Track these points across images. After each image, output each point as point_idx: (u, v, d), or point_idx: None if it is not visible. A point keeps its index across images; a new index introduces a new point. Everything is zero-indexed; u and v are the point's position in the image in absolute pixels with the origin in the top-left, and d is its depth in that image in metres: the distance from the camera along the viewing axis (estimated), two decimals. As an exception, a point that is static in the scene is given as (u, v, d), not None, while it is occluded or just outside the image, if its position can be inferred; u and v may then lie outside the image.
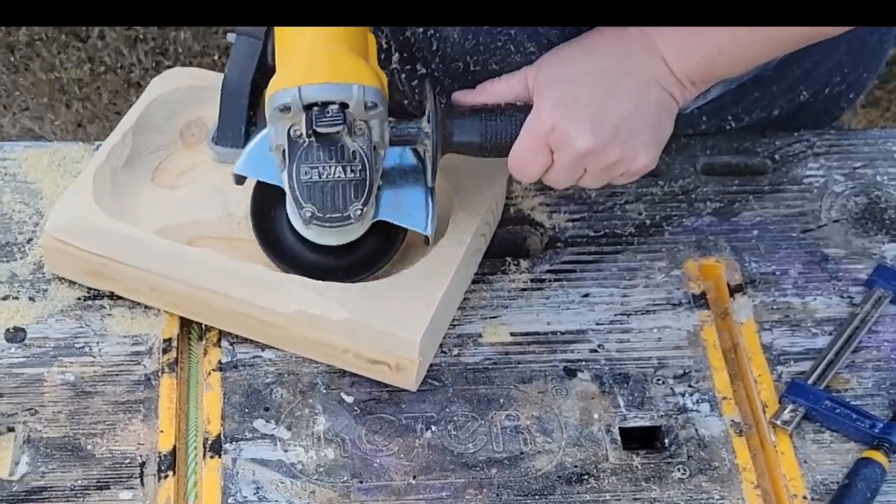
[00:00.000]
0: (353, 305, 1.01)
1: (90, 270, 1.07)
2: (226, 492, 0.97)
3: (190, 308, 1.06)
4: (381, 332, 1.00)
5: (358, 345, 1.02)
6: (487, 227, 1.12)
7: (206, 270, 1.04)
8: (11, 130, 2.45)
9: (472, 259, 1.10)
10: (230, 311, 1.04)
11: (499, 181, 1.11)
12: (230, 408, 1.02)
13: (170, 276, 1.04)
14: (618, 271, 1.14)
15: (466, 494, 0.98)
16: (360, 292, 1.02)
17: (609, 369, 1.07)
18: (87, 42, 2.57)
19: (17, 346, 1.05)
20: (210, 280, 1.03)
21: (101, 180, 1.09)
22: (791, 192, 1.20)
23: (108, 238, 1.05)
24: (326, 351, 1.03)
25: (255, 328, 1.04)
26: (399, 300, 1.02)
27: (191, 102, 1.16)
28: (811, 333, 1.10)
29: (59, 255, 1.07)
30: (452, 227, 1.07)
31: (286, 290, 1.02)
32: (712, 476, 1.01)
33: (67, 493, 0.97)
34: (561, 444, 1.02)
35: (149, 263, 1.04)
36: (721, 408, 1.05)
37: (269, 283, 1.03)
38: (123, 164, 1.12)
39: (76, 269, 1.08)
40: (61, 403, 1.02)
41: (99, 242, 1.05)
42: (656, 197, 1.20)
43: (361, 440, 1.01)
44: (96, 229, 1.05)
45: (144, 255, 1.04)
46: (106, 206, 1.07)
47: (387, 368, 1.02)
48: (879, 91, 2.57)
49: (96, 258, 1.05)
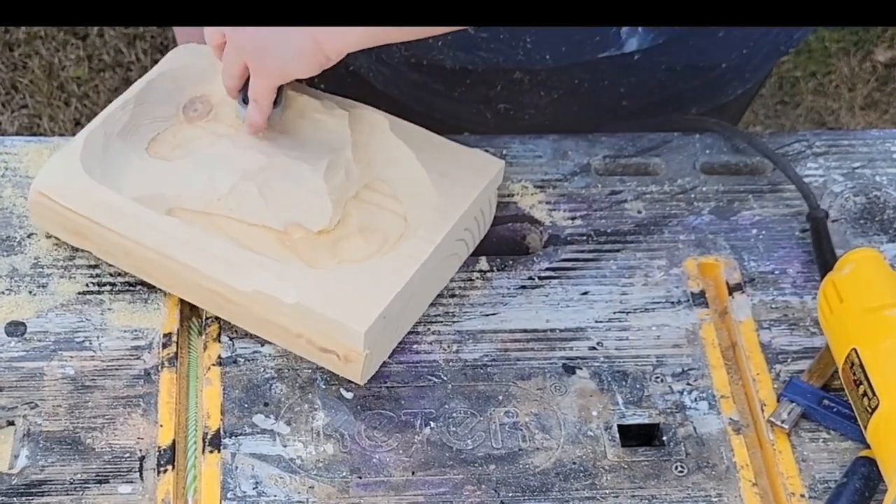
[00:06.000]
0: (306, 290, 1.02)
1: (70, 229, 1.09)
2: (225, 486, 0.97)
3: (159, 277, 1.08)
4: (329, 320, 1.01)
5: (309, 331, 1.02)
6: (468, 233, 1.11)
7: (174, 241, 1.05)
8: (10, 128, 2.45)
9: (444, 263, 1.09)
10: (194, 284, 1.05)
11: (485, 187, 1.10)
12: (229, 403, 1.02)
13: (140, 243, 1.06)
14: (617, 269, 1.14)
15: (465, 490, 0.99)
16: (316, 278, 1.03)
17: (608, 367, 1.07)
18: (85, 40, 2.57)
19: (17, 340, 1.05)
20: (176, 250, 1.05)
21: (91, 144, 1.11)
22: (790, 192, 1.20)
23: (87, 199, 1.08)
24: (281, 334, 1.04)
25: (218, 304, 1.05)
26: (353, 291, 1.02)
27: (198, 79, 1.18)
28: (810, 332, 1.10)
29: (42, 210, 1.10)
30: (425, 227, 1.07)
31: (246, 269, 1.03)
32: (710, 474, 1.01)
33: (67, 487, 0.97)
34: (559, 441, 1.02)
35: (122, 228, 1.06)
36: (719, 406, 1.05)
37: (231, 261, 1.04)
38: (119, 130, 1.13)
39: (58, 226, 1.10)
40: (61, 397, 1.02)
41: (79, 202, 1.08)
42: (655, 195, 1.20)
43: (360, 436, 1.01)
44: (77, 189, 1.08)
45: (118, 219, 1.07)
46: (91, 168, 1.09)
47: (336, 358, 1.02)
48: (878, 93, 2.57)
49: (76, 217, 1.08)
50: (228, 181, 1.10)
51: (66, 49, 2.55)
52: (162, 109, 1.16)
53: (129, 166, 1.12)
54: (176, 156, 1.14)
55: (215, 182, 1.10)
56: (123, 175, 1.11)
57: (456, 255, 1.11)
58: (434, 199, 1.08)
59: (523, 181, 1.20)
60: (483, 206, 1.12)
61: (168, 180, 1.11)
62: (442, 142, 1.13)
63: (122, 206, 1.07)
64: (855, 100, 2.58)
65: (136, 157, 1.13)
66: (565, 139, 1.24)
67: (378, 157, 1.13)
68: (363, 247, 1.08)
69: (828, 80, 2.63)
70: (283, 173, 1.11)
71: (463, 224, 1.09)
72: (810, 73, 2.65)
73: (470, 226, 1.11)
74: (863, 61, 2.66)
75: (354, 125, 1.14)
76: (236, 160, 1.11)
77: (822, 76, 2.64)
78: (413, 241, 1.05)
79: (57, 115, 2.47)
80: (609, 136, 1.24)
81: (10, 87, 2.51)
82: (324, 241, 1.09)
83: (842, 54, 2.67)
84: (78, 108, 2.48)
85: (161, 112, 1.16)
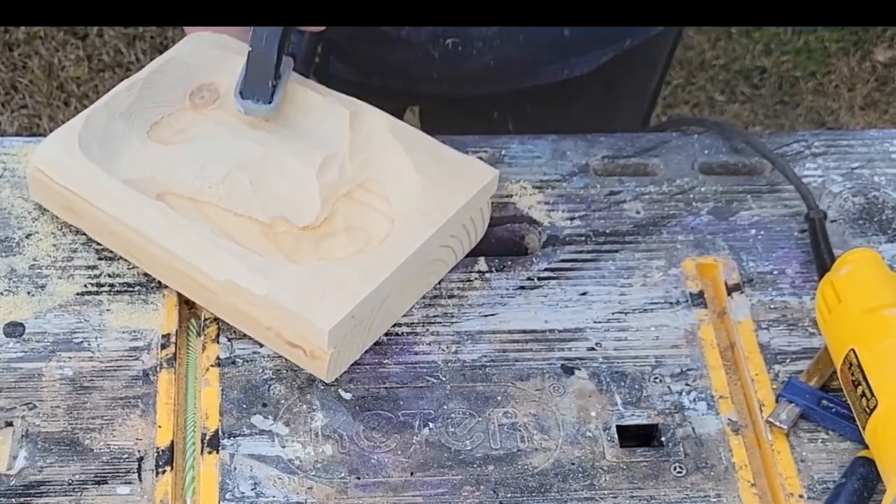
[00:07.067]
0: (277, 284, 1.02)
1: (64, 205, 1.11)
2: (223, 487, 0.97)
3: (142, 259, 1.09)
4: (295, 315, 1.01)
5: (278, 324, 1.02)
6: (454, 240, 1.11)
7: (155, 224, 1.06)
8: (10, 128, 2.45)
9: (426, 268, 1.09)
10: (172, 268, 1.06)
11: (474, 195, 1.09)
12: (228, 403, 1.02)
13: (124, 223, 1.07)
14: (615, 270, 1.14)
15: (463, 491, 0.99)
16: (291, 273, 1.03)
17: (606, 367, 1.07)
18: (85, 40, 2.57)
19: (15, 340, 1.05)
20: (157, 234, 1.06)
21: (92, 123, 1.12)
22: (789, 192, 1.20)
23: (78, 176, 1.09)
24: (252, 325, 1.05)
25: (195, 290, 1.06)
26: (324, 288, 1.02)
27: (209, 67, 1.18)
28: (808, 333, 1.10)
29: (39, 185, 1.12)
30: (408, 230, 1.06)
31: (220, 258, 1.04)
32: (709, 474, 1.01)
33: (65, 488, 0.97)
34: (558, 442, 1.02)
35: (108, 207, 1.08)
36: (718, 406, 1.05)
37: (207, 248, 1.04)
38: (123, 111, 1.14)
39: (53, 202, 1.12)
40: (59, 398, 1.02)
41: (70, 179, 1.09)
42: (654, 196, 1.20)
43: (359, 436, 1.01)
44: (70, 167, 1.09)
45: (105, 198, 1.08)
46: (89, 146, 1.10)
47: (302, 353, 1.02)
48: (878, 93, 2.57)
49: (69, 194, 1.09)
50: (221, 170, 1.11)
51: (66, 49, 2.55)
52: (169, 94, 1.17)
53: (128, 148, 1.13)
54: (176, 141, 1.15)
55: (208, 170, 1.11)
56: (120, 156, 1.12)
57: (441, 260, 1.10)
58: (421, 204, 1.08)
59: (522, 182, 1.20)
60: (474, 213, 1.11)
61: (162, 164, 1.12)
62: (439, 147, 1.13)
63: (109, 187, 1.08)
64: (854, 100, 2.58)
65: (136, 140, 1.14)
66: (564, 139, 1.24)
67: (374, 158, 1.13)
68: (346, 245, 1.08)
69: (827, 80, 2.63)
70: (276, 166, 1.11)
71: (449, 231, 1.08)
72: (810, 73, 2.65)
73: (457, 233, 1.10)
74: (862, 61, 2.66)
75: (354, 124, 1.14)
76: (232, 150, 1.12)
77: (821, 76, 2.64)
78: (393, 244, 1.05)
79: (57, 116, 2.47)
80: (608, 137, 1.24)
81: (9, 87, 2.51)
82: (308, 236, 1.09)
83: (842, 54, 2.67)
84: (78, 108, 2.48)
85: (168, 97, 1.17)
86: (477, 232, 1.13)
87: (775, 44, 2.67)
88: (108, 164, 1.10)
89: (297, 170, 1.11)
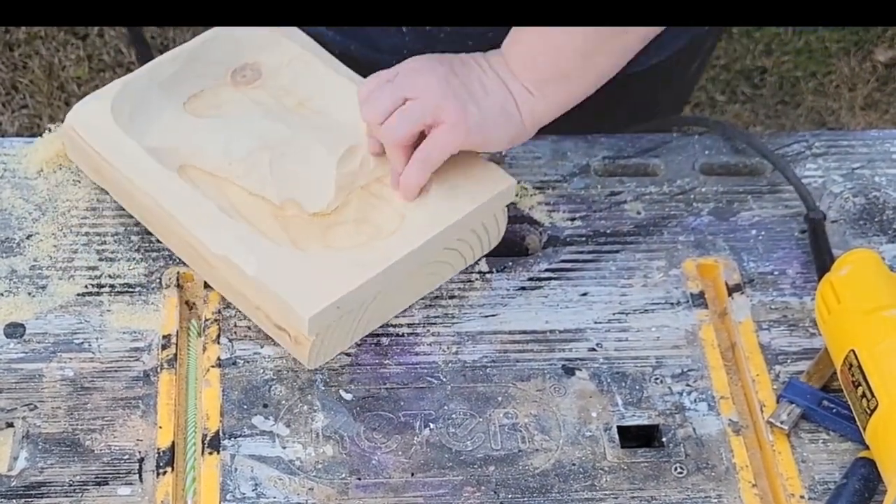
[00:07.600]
0: (267, 265, 1.02)
1: (93, 166, 1.14)
2: (224, 488, 0.97)
3: (154, 225, 1.12)
4: (280, 299, 1.01)
5: (266, 305, 1.03)
6: (463, 244, 1.10)
7: (166, 190, 1.08)
8: (10, 128, 2.45)
9: (427, 269, 1.09)
10: (180, 238, 1.08)
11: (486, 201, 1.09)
12: (229, 404, 1.02)
13: (139, 188, 1.09)
14: (616, 270, 1.14)
15: (464, 492, 0.99)
16: (286, 256, 1.04)
17: (607, 368, 1.07)
18: (85, 40, 2.57)
19: (16, 341, 1.05)
20: (167, 202, 1.08)
21: (129, 88, 1.15)
22: (790, 193, 1.20)
23: (103, 139, 1.12)
24: (243, 303, 1.06)
25: (198, 262, 1.08)
26: (313, 274, 1.02)
27: (255, 47, 1.19)
28: (809, 333, 1.10)
29: (72, 144, 1.15)
30: (413, 229, 1.06)
31: (220, 233, 1.05)
32: (709, 475, 1.01)
33: (66, 489, 0.97)
34: (559, 443, 1.02)
35: (128, 171, 1.10)
36: (719, 407, 1.05)
37: (211, 221, 1.06)
38: (164, 80, 1.16)
39: (84, 162, 1.16)
40: (60, 399, 1.02)
41: (97, 141, 1.12)
42: (655, 196, 1.20)
43: (360, 437, 1.01)
44: (99, 129, 1.12)
45: (126, 162, 1.10)
46: (121, 111, 1.13)
47: (287, 337, 1.03)
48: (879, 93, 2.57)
49: (96, 155, 1.12)
50: (245, 148, 1.11)
51: (66, 49, 2.55)
52: (211, 68, 1.18)
53: (161, 116, 1.14)
54: (209, 115, 1.16)
55: (232, 146, 1.12)
56: (151, 124, 1.14)
57: (447, 263, 1.10)
58: (432, 205, 1.08)
59: (523, 182, 1.20)
60: (486, 219, 1.10)
61: (190, 136, 1.13)
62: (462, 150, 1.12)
63: (131, 152, 1.10)
64: (855, 100, 2.58)
65: (170, 109, 1.15)
66: (564, 140, 1.24)
67: None
68: (353, 236, 1.08)
69: (828, 80, 2.63)
70: (299, 151, 1.11)
71: (455, 234, 1.08)
72: (810, 73, 2.64)
73: (466, 237, 1.10)
74: (863, 61, 2.66)
75: None
76: (260, 129, 1.13)
77: (822, 76, 2.64)
78: (395, 241, 1.05)
79: (57, 116, 2.47)
80: (608, 137, 1.24)
81: (10, 87, 2.50)
82: (317, 223, 1.09)
83: (842, 54, 2.67)
84: (78, 109, 2.48)
85: (210, 70, 1.18)
86: (490, 239, 1.13)
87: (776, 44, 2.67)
88: (138, 129, 1.12)
89: (319, 156, 1.11)
